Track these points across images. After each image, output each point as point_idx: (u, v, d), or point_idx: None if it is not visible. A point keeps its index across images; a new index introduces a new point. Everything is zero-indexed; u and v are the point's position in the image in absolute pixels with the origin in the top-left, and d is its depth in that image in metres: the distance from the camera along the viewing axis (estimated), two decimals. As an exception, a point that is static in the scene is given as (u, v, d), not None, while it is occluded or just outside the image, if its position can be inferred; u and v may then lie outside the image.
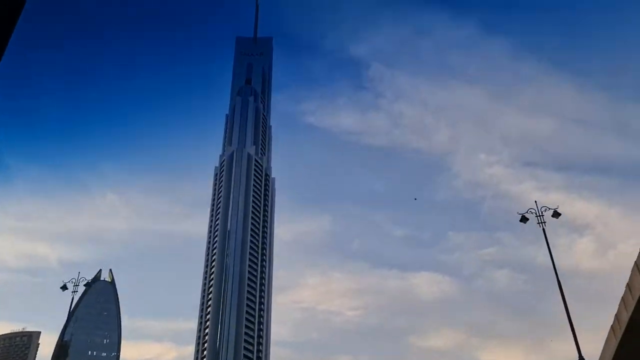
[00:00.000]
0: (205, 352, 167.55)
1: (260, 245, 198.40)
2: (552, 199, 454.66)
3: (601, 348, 27.65)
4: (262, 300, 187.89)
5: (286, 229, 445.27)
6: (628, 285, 21.89)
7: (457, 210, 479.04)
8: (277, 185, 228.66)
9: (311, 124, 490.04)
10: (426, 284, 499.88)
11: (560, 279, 29.82)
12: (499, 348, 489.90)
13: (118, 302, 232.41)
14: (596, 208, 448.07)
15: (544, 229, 32.56)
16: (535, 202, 33.60)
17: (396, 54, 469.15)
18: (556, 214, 32.81)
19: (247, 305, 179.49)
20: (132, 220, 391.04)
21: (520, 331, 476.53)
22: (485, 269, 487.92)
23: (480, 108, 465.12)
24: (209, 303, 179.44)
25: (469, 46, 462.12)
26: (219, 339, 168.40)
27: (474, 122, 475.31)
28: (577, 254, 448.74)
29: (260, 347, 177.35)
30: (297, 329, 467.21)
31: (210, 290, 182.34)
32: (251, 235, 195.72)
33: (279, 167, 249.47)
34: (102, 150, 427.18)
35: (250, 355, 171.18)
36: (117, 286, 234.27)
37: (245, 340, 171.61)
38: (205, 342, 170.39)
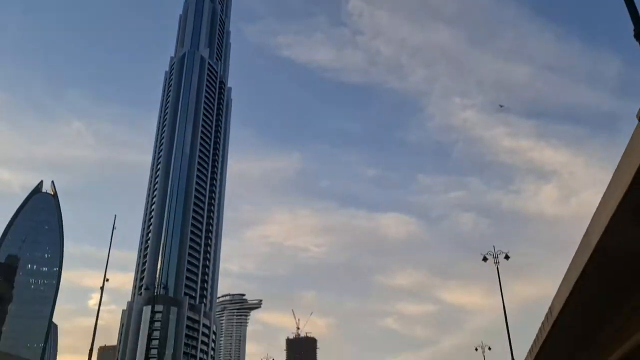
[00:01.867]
0: (143, 281, 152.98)
1: (211, 162, 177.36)
2: (522, 145, 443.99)
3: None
4: (210, 223, 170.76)
5: (254, 165, 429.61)
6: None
7: (428, 153, 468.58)
8: (241, 110, 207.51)
9: (286, 58, 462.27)
10: (393, 225, 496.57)
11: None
12: (459, 288, 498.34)
13: (61, 216, 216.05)
14: (563, 156, 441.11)
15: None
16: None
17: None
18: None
19: (192, 232, 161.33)
20: (98, 149, 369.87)
21: (480, 273, 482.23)
22: (451, 212, 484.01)
23: (458, 51, 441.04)
24: (150, 228, 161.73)
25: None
26: (159, 267, 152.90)
27: (451, 65, 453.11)
28: (542, 200, 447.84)
29: (206, 278, 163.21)
30: (263, 264, 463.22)
31: (152, 214, 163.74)
32: (202, 148, 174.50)
33: (244, 91, 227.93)
34: (67, 76, 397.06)
35: (193, 285, 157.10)
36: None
37: (189, 270, 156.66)
38: (145, 269, 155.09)
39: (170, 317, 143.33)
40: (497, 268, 40.18)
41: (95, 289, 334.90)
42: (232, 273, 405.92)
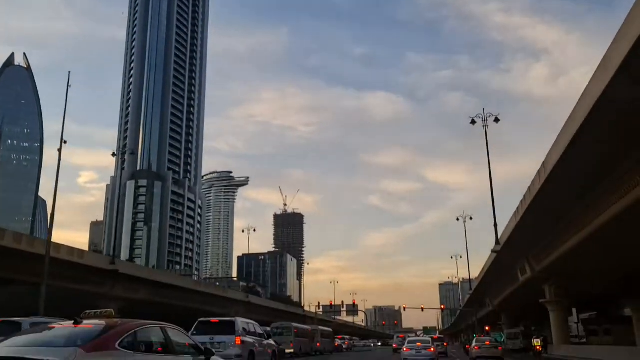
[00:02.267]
0: (125, 157, 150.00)
1: (190, 35, 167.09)
2: (514, 21, 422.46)
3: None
4: (192, 98, 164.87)
5: (240, 41, 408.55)
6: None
7: (418, 30, 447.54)
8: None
9: None
10: (381, 104, 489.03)
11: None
12: (443, 166, 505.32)
13: (37, 90, 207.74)
14: (556, 33, 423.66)
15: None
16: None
17: None
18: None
19: (174, 107, 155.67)
20: (76, 23, 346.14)
21: (464, 151, 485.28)
22: (439, 91, 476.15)
23: None
24: (129, 102, 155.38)
25: None
26: (140, 142, 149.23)
27: None
28: (531, 79, 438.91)
29: (190, 153, 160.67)
30: (252, 143, 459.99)
31: (130, 87, 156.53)
32: (180, 17, 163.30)
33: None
34: None
35: (177, 160, 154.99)
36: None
37: (172, 145, 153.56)
38: (126, 144, 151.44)
39: (155, 191, 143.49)
40: (486, 132, 38.31)
41: (84, 167, 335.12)
42: (221, 152, 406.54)
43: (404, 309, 68.79)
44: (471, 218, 66.09)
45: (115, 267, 39.74)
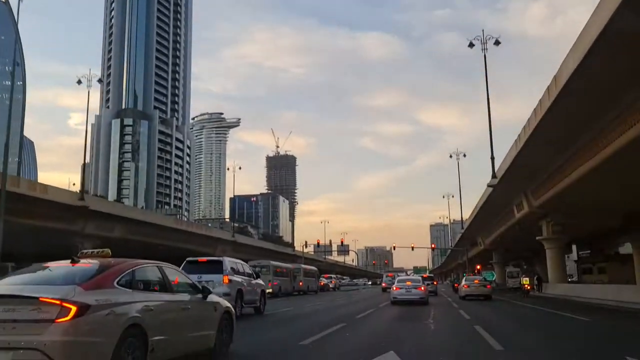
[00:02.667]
0: (109, 96, 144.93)
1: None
2: None
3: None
4: (178, 34, 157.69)
5: None
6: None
7: None
8: None
9: None
10: (375, 44, 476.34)
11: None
12: (437, 109, 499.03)
13: (17, 25, 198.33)
14: None
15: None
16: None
17: None
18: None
19: (159, 43, 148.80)
20: None
21: (458, 94, 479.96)
22: (434, 31, 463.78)
23: None
24: (111, 37, 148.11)
25: None
26: (125, 80, 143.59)
27: None
28: (528, 19, 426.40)
29: (177, 92, 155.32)
30: (243, 84, 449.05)
31: (112, 21, 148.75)
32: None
33: None
34: None
35: (163, 99, 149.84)
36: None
37: (158, 83, 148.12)
38: (110, 82, 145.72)
39: (141, 130, 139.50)
40: (485, 55, 35.99)
41: (73, 109, 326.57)
42: (212, 93, 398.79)
43: (394, 248, 67.39)
44: (464, 155, 63.65)
45: (84, 204, 37.13)
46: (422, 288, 24.31)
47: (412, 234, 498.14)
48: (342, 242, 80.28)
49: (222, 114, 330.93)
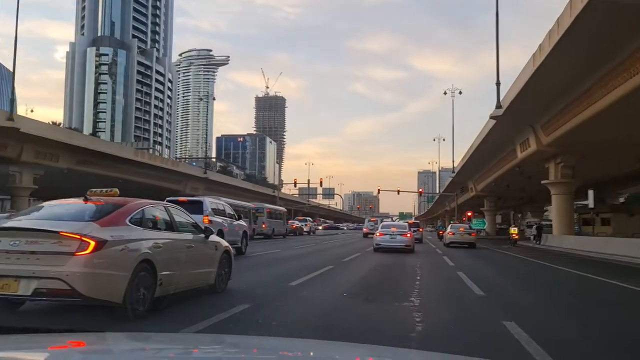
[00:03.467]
0: (84, 22, 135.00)
1: None
2: None
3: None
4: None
5: None
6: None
7: None
8: None
9: None
10: None
11: None
12: (431, 55, 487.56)
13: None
14: None
15: None
16: None
17: None
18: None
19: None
20: None
21: (454, 41, 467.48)
22: None
23: None
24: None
25: None
26: (101, 5, 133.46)
27: None
28: None
29: (158, 20, 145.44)
30: (234, 22, 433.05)
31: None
32: None
33: None
34: None
35: (143, 28, 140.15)
36: None
37: (136, 10, 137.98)
38: (85, 6, 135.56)
39: (119, 60, 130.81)
40: None
41: (60, 41, 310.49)
42: (203, 31, 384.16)
43: (379, 192, 62.73)
44: (460, 92, 58.19)
45: (13, 125, 31.34)
46: (409, 235, 22.95)
47: (400, 181, 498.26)
48: (321, 182, 74.72)
49: (210, 50, 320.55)
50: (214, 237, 8.22)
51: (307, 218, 64.01)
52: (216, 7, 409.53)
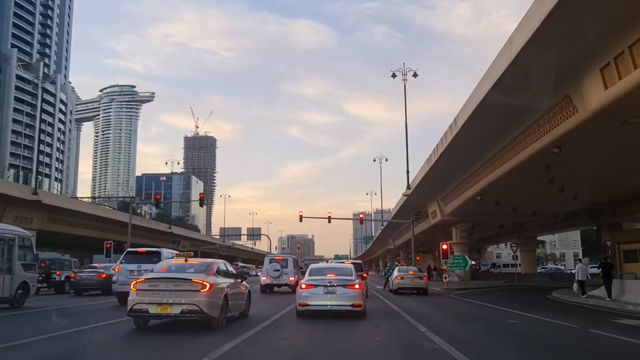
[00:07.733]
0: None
1: None
2: None
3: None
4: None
5: None
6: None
7: None
8: None
9: None
10: (305, 32, 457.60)
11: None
12: (365, 100, 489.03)
13: None
14: None
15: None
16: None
17: None
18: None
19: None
20: None
21: (386, 86, 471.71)
22: (365, 23, 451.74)
23: None
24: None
25: None
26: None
27: None
28: (454, 18, 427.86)
29: (49, 32, 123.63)
30: (168, 64, 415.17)
31: None
32: None
33: None
34: None
35: (29, 39, 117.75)
36: None
37: (17, 15, 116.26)
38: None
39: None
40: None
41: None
42: (135, 72, 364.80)
43: (301, 217, 46.06)
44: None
45: None
46: (357, 285, 14.16)
47: (335, 224, 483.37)
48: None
49: (134, 87, 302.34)
50: (244, 282, 14.13)
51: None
52: (148, 49, 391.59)
